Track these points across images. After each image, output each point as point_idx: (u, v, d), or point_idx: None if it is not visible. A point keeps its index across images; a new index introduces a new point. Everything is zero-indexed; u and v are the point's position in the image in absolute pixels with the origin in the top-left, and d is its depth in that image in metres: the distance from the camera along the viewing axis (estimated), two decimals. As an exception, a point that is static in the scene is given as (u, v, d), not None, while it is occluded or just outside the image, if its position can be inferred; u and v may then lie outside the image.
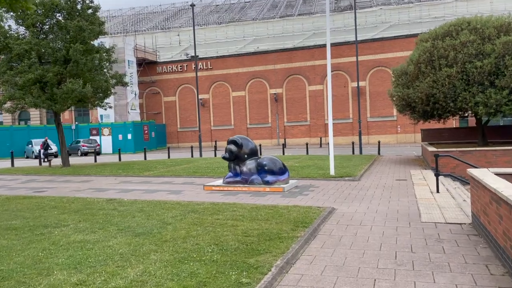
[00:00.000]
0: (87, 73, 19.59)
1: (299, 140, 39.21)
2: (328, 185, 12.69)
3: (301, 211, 8.45)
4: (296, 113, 40.52)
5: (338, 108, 38.67)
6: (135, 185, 13.72)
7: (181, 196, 11.09)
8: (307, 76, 39.89)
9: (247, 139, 12.62)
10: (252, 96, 41.66)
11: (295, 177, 14.20)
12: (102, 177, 16.37)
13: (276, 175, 11.99)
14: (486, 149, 16.58)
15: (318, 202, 9.84)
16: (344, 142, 37.40)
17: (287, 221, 7.58)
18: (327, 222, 7.77)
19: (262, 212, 8.38)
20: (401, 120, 36.64)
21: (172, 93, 43.92)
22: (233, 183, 12.27)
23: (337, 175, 14.46)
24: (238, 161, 12.34)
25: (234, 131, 41.81)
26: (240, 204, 9.36)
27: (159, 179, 15.34)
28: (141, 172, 17.25)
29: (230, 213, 8.37)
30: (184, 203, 9.67)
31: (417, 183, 13.00)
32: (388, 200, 9.95)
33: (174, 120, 44.11)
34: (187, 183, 13.90)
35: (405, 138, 37.26)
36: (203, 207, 9.01)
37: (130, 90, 40.09)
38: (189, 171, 16.88)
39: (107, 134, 38.43)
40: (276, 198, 10.50)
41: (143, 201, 10.14)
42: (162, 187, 13.04)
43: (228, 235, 6.51)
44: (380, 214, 8.31)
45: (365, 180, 13.76)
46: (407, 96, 19.19)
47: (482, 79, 17.01)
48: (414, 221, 7.67)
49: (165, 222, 7.55)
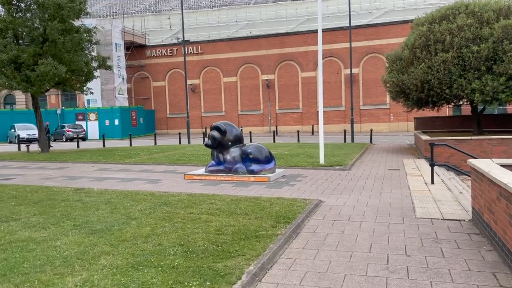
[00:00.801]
0: (65, 54, 18.50)
1: (291, 128, 38.43)
2: (317, 174, 11.97)
3: (284, 204, 7.69)
4: (288, 100, 39.61)
5: (330, 96, 37.87)
6: (112, 173, 12.87)
7: (158, 186, 10.28)
8: (299, 62, 38.92)
9: (232, 125, 11.80)
10: (244, 82, 40.64)
11: (283, 166, 13.46)
12: (80, 164, 15.48)
13: (262, 163, 11.22)
14: (482, 138, 15.93)
15: (304, 193, 9.10)
16: (337, 130, 36.69)
17: (268, 215, 6.82)
18: (312, 216, 7.02)
19: (242, 205, 7.61)
20: (394, 108, 35.94)
21: (161, 78, 42.71)
22: (216, 172, 11.48)
23: (327, 164, 13.75)
24: (221, 148, 11.53)
25: (225, 118, 40.85)
26: (219, 196, 8.58)
27: (139, 166, 14.49)
28: (121, 159, 16.38)
29: (207, 206, 7.59)
30: (158, 194, 8.86)
31: (411, 173, 12.31)
32: (380, 191, 9.23)
33: (164, 106, 43.00)
34: (168, 172, 13.08)
35: (398, 127, 36.63)
36: (178, 199, 8.21)
37: (117, 74, 38.87)
38: (172, 159, 16.04)
39: (94, 119, 37.30)
40: (260, 188, 9.74)
41: (114, 191, 9.32)
42: (140, 176, 12.21)
43: (198, 233, 5.72)
44: (370, 208, 7.58)
45: (356, 169, 13.06)
46: (401, 82, 18.42)
47: (478, 64, 16.29)
48: (408, 216, 6.94)
49: (130, 216, 6.72)
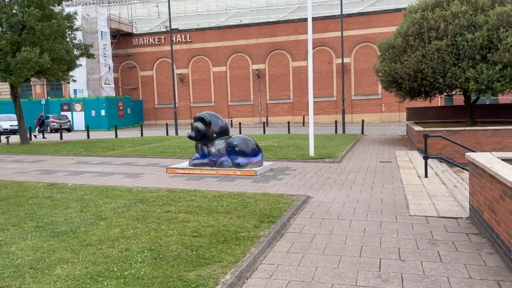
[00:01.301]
0: (44, 41, 17.70)
1: (282, 119, 37.88)
2: (306, 167, 11.49)
3: (270, 200, 7.20)
4: (279, 90, 39.01)
5: (322, 86, 37.34)
6: (91, 167, 12.27)
7: (137, 181, 9.72)
8: (290, 51, 38.25)
9: (217, 116, 11.24)
10: (234, 71, 39.90)
11: (271, 159, 12.97)
12: (59, 157, 14.83)
13: (248, 157, 10.70)
14: (476, 129, 15.56)
15: (292, 188, 8.62)
16: (328, 121, 36.25)
17: (251, 214, 6.32)
18: (299, 214, 6.54)
19: (224, 202, 7.10)
20: (386, 99, 35.55)
21: (149, 67, 41.78)
22: (200, 166, 10.94)
23: (317, 156, 13.28)
24: (206, 140, 10.98)
25: (214, 109, 40.18)
26: (201, 192, 8.05)
27: (121, 159, 13.90)
28: (104, 152, 15.75)
29: (186, 203, 7.07)
30: (136, 190, 8.31)
31: (403, 165, 11.88)
32: (371, 186, 8.77)
33: (151, 96, 42.14)
34: (150, 165, 12.51)
35: (390, 117, 36.29)
36: (156, 196, 7.67)
37: (103, 64, 37.90)
38: (156, 151, 15.46)
39: (79, 109, 36.40)
40: (246, 183, 9.23)
41: (89, 187, 8.75)
42: (120, 169, 11.63)
43: (172, 236, 5.20)
44: (361, 205, 7.11)
45: (346, 162, 12.61)
46: (394, 71, 17.94)
47: (473, 53, 15.87)
48: (401, 214, 6.49)
49: (100, 216, 6.18)
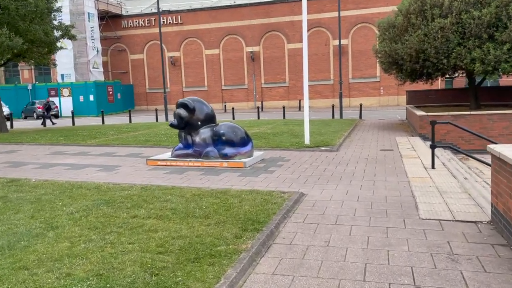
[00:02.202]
0: (20, 22, 16.44)
1: (277, 103, 36.76)
2: (301, 157, 10.51)
3: (257, 200, 6.22)
4: (274, 73, 37.77)
5: (318, 68, 36.15)
6: (66, 158, 11.23)
7: (111, 175, 8.71)
8: (286, 33, 36.89)
9: (202, 102, 10.18)
10: (227, 54, 38.55)
11: (264, 147, 11.98)
12: (34, 146, 13.77)
13: (237, 146, 9.69)
14: (482, 113, 14.57)
15: (284, 183, 7.64)
16: (324, 105, 35.19)
17: (234, 218, 5.35)
18: (290, 218, 5.57)
19: (204, 203, 6.11)
20: (385, 81, 34.46)
21: (139, 50, 40.33)
22: (183, 157, 9.93)
23: (312, 144, 12.30)
24: (190, 129, 9.94)
25: (208, 93, 39.00)
26: (179, 189, 7.05)
27: (101, 149, 12.85)
28: (84, 140, 14.69)
29: (159, 204, 6.07)
30: (105, 187, 7.30)
31: (406, 154, 10.92)
32: (373, 180, 7.80)
33: (142, 81, 40.79)
34: (131, 155, 11.49)
35: (388, 101, 35.24)
36: (126, 195, 6.67)
37: (91, 47, 36.45)
38: (141, 139, 14.42)
39: (67, 95, 35.10)
40: (233, 177, 8.25)
41: (54, 183, 7.72)
42: (96, 161, 10.60)
43: (131, 252, 4.21)
44: (363, 204, 6.15)
45: (344, 150, 11.63)
46: (394, 52, 16.86)
47: (479, 31, 14.80)
48: (410, 216, 5.53)
49: (52, 224, 5.17)
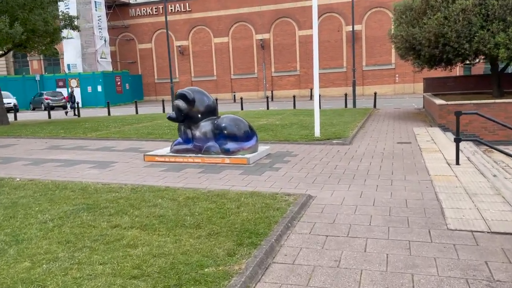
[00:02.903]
0: (18, 10, 15.82)
1: (288, 92, 35.78)
2: (310, 151, 9.71)
3: (258, 205, 5.46)
4: (284, 61, 36.75)
5: (330, 56, 35.02)
6: (61, 153, 10.61)
7: (103, 173, 8.03)
8: (296, 19, 35.74)
9: (203, 93, 9.41)
10: (236, 42, 37.61)
11: (271, 141, 11.21)
12: (32, 140, 13.21)
13: (240, 141, 8.91)
14: (507, 102, 13.52)
15: (290, 183, 6.86)
16: (337, 94, 34.14)
17: (229, 229, 4.60)
18: (294, 228, 4.80)
19: (197, 208, 5.38)
20: (400, 68, 33.21)
21: (147, 39, 39.62)
22: (183, 152, 9.21)
23: (323, 136, 11.48)
24: (189, 122, 9.20)
25: (217, 83, 38.25)
26: (173, 191, 6.33)
27: (100, 143, 12.22)
28: (85, 133, 14.09)
29: (147, 210, 5.36)
30: (92, 188, 6.61)
31: (426, 147, 10.03)
32: (390, 178, 6.97)
33: (151, 70, 40.14)
34: (130, 150, 10.82)
35: (404, 89, 34.01)
36: (113, 198, 5.98)
37: (98, 36, 35.86)
38: (143, 132, 13.75)
39: (75, 85, 34.64)
40: (235, 175, 7.51)
41: (39, 183, 7.06)
42: (91, 157, 9.95)
43: (100, 276, 3.49)
44: (379, 210, 5.34)
45: (358, 143, 10.79)
46: (411, 37, 15.82)
47: (504, 13, 13.75)
48: (436, 226, 4.71)
49: (18, 236, 4.48)
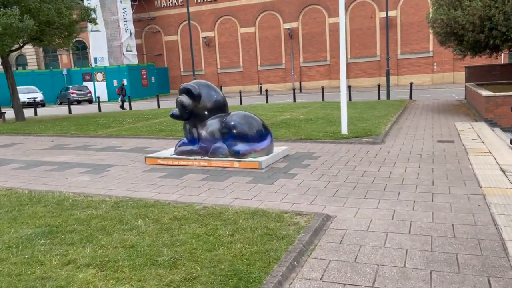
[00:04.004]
0: (30, 0, 15.19)
1: (317, 83, 34.17)
2: (334, 152, 8.44)
3: (259, 230, 4.28)
4: (314, 51, 35.11)
5: (363, 44, 33.13)
6: (61, 154, 9.78)
7: (93, 181, 7.06)
8: (327, 6, 33.95)
9: (210, 87, 8.27)
10: (263, 32, 36.25)
11: (291, 139, 9.99)
12: (39, 138, 12.53)
13: (251, 142, 7.74)
14: None
15: (306, 196, 5.64)
16: (370, 85, 32.27)
17: (212, 271, 3.46)
18: (301, 270, 3.59)
19: (182, 235, 4.26)
20: (438, 56, 30.96)
21: (173, 31, 38.88)
22: (188, 154, 8.14)
23: (351, 134, 10.16)
24: (195, 120, 8.11)
25: (243, 74, 37.12)
26: (161, 207, 5.23)
27: (108, 141, 11.36)
28: (96, 130, 13.30)
29: (119, 237, 4.29)
30: (71, 201, 5.61)
31: (472, 148, 8.51)
32: (430, 191, 5.62)
33: (177, 63, 39.42)
34: (135, 150, 9.87)
35: (443, 78, 31.72)
36: (86, 216, 4.94)
37: (124, 29, 35.40)
38: (155, 129, 12.81)
39: (101, 79, 34.42)
40: (241, 184, 6.36)
41: (12, 194, 6.09)
42: (90, 158, 9.04)
43: None
44: (418, 243, 4.03)
45: (391, 141, 9.41)
46: (453, 20, 14.12)
47: None
48: (497, 273, 3.39)
49: None
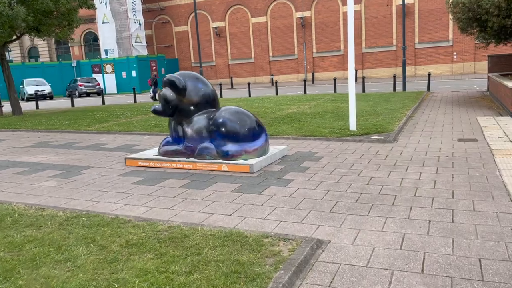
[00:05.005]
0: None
1: (331, 74, 32.86)
2: (339, 152, 7.44)
3: (225, 266, 3.33)
4: (327, 41, 33.78)
5: (378, 33, 31.67)
6: (39, 153, 8.98)
7: (59, 186, 6.21)
8: (341, -7, 32.57)
9: (197, 78, 7.33)
10: (275, 22, 35.04)
11: (293, 136, 9.02)
12: (27, 134, 11.79)
13: (242, 142, 6.79)
14: None
15: (298, 210, 4.67)
16: (385, 75, 30.87)
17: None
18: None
19: (125, 272, 3.33)
20: (458, 45, 29.33)
21: (183, 21, 37.95)
22: (172, 155, 7.24)
23: (360, 130, 9.12)
24: (180, 117, 7.20)
25: (254, 65, 36.05)
26: (119, 225, 4.33)
27: (96, 137, 10.56)
28: (89, 125, 12.52)
29: (46, 272, 3.35)
30: (16, 216, 4.73)
31: (499, 148, 7.38)
32: (450, 207, 4.58)
33: (187, 54, 38.54)
34: (121, 148, 9.03)
35: (463, 68, 30.08)
36: (23, 240, 4.05)
37: (133, 20, 34.63)
38: (150, 124, 11.96)
39: (110, 71, 33.82)
40: (224, 194, 5.42)
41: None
42: (68, 159, 8.21)
43: None
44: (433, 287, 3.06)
45: (404, 139, 8.35)
46: (476, 4, 12.85)
47: None
48: None
49: None
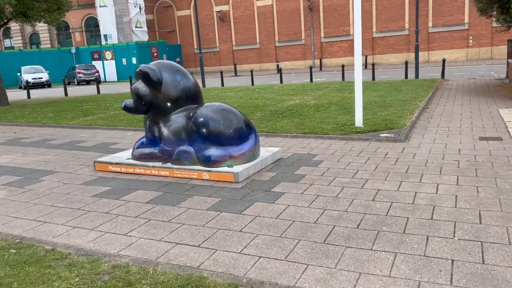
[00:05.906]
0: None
1: (340, 60, 31.54)
2: (342, 155, 6.41)
3: None
4: (335, 25, 32.34)
5: (389, 17, 30.17)
6: (7, 152, 8.05)
7: (8, 198, 5.27)
8: (350, -25, 31.01)
9: (176, 69, 6.28)
10: (281, 5, 33.61)
11: (291, 133, 8.00)
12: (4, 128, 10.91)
13: (227, 145, 5.77)
14: None
15: (283, 239, 3.67)
16: (397, 61, 29.47)
17: None
18: None
19: None
20: (475, 29, 27.77)
21: (186, 5, 36.65)
22: (147, 158, 6.26)
23: (367, 126, 8.07)
24: (156, 114, 6.20)
25: (260, 51, 34.79)
26: (48, 263, 3.36)
27: (75, 133, 9.62)
28: (73, 119, 11.58)
29: None
30: None
31: (529, 152, 6.30)
32: (478, 238, 3.54)
33: (190, 39, 37.32)
34: (98, 147, 8.08)
35: (479, 54, 28.54)
36: None
37: (133, 4, 33.47)
38: (137, 118, 10.96)
39: (110, 58, 32.85)
40: (197, 213, 4.44)
41: None
42: (33, 160, 7.26)
43: None
44: None
45: (418, 138, 7.28)
46: (499, -17, 11.59)
47: None
48: None
49: None
